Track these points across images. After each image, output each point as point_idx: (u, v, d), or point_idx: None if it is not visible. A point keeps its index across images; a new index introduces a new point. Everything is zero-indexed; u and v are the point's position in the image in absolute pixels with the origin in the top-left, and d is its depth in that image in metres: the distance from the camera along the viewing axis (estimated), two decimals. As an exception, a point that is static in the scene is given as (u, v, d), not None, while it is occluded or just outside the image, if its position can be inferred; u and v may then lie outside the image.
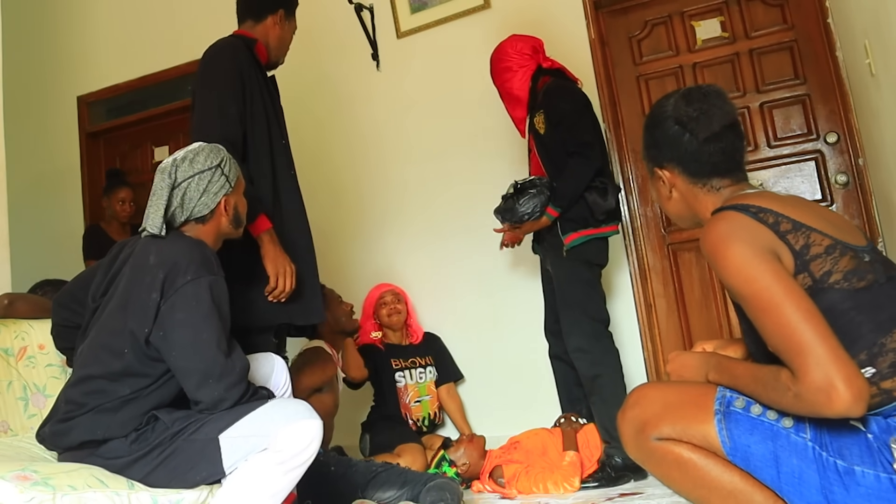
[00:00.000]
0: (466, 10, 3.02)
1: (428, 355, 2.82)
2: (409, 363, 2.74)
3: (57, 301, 1.56)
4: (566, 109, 2.28)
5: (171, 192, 1.44)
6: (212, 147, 1.52)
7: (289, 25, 2.01)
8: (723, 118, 1.14)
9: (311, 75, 3.24)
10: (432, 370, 2.79)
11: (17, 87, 3.30)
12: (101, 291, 1.45)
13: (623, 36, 2.91)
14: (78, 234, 3.37)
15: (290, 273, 1.76)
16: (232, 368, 1.33)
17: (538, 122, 2.34)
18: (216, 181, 1.48)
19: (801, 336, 0.92)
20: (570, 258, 2.26)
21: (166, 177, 1.44)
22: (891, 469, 0.93)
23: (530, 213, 2.25)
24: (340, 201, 3.22)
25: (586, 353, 2.22)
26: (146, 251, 1.40)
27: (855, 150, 2.53)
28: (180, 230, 1.48)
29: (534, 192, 2.25)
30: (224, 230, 1.53)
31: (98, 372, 1.33)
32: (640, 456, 1.15)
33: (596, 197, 2.24)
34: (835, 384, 0.88)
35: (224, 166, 1.50)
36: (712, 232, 1.05)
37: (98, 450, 1.31)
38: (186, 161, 1.47)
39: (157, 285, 1.32)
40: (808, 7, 2.65)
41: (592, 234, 2.27)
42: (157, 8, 3.65)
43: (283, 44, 2.01)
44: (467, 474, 2.23)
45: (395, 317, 2.79)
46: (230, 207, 1.52)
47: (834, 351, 0.91)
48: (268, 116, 1.89)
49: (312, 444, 1.31)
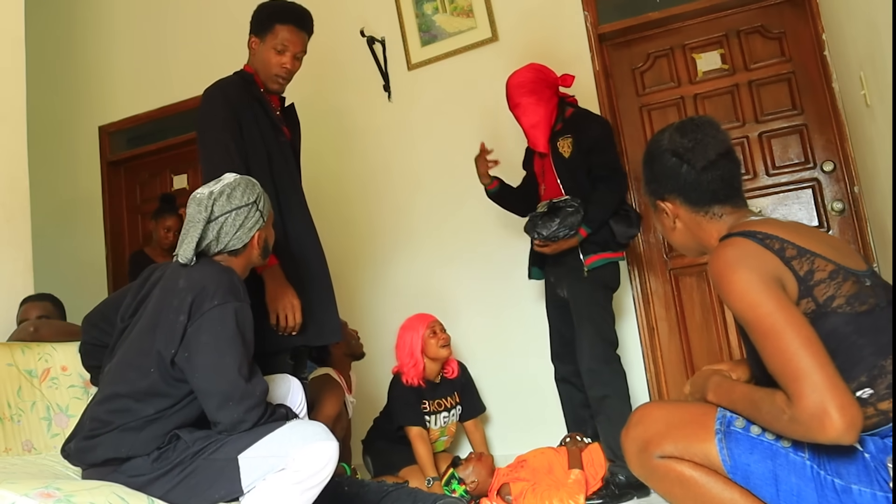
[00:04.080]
0: (475, 43, 3.09)
1: (455, 392, 2.61)
2: (437, 405, 2.55)
3: (87, 320, 1.59)
4: (598, 136, 2.36)
5: (207, 226, 1.45)
6: (247, 182, 1.52)
7: (264, 46, 1.93)
8: (717, 146, 1.17)
9: (324, 106, 3.31)
10: (456, 411, 2.60)
11: (41, 117, 3.38)
12: (130, 312, 1.47)
13: (626, 68, 2.97)
14: (100, 261, 3.42)
15: (293, 308, 1.75)
16: (251, 392, 1.35)
17: (563, 146, 2.39)
18: (252, 216, 1.49)
19: (798, 362, 0.94)
20: (589, 280, 2.31)
21: (203, 209, 1.45)
22: (887, 488, 0.96)
23: (567, 231, 2.27)
24: (352, 228, 3.26)
25: (597, 374, 2.26)
26: (176, 275, 1.42)
27: (851, 178, 2.57)
28: (211, 258, 1.49)
29: (571, 211, 2.28)
30: (254, 261, 1.56)
31: (124, 390, 1.36)
32: (643, 473, 1.17)
33: (620, 223, 2.30)
34: (829, 411, 0.90)
35: (259, 202, 1.52)
36: (719, 258, 1.06)
37: (121, 467, 1.34)
38: (224, 196, 1.47)
39: (184, 308, 1.35)
40: (806, 40, 2.70)
41: (611, 257, 2.33)
42: (175, 41, 3.73)
43: (265, 66, 1.93)
44: (476, 492, 2.23)
45: (446, 349, 2.54)
46: (261, 241, 1.54)
47: (830, 379, 0.92)
48: (268, 147, 1.88)
49: (329, 465, 1.33)
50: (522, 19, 3.03)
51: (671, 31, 2.92)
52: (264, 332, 1.75)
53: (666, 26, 2.91)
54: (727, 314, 2.72)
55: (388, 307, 3.15)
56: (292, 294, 1.76)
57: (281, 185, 1.89)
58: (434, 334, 2.53)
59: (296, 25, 1.95)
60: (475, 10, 3.11)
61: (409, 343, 2.52)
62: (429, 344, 2.51)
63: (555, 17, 2.98)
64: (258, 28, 1.95)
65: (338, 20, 3.33)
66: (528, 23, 3.02)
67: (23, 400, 1.74)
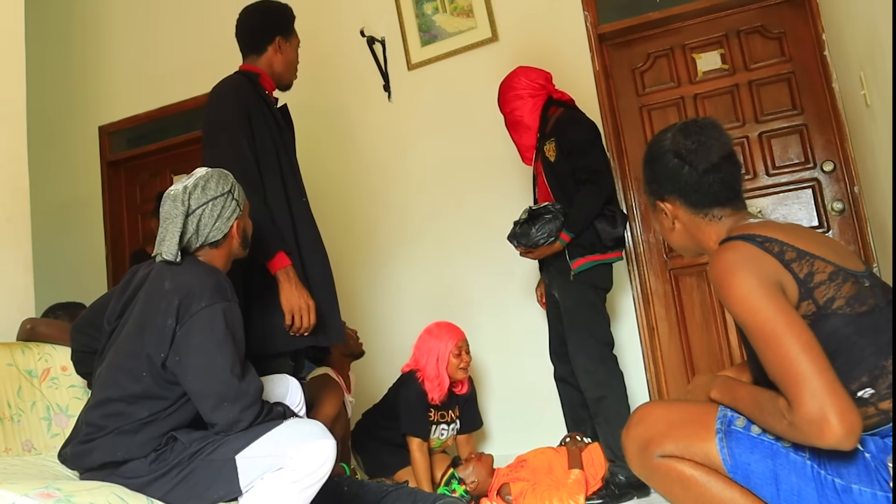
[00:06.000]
0: (475, 43, 3.10)
1: (457, 406, 2.54)
2: (440, 416, 2.48)
3: (76, 328, 1.57)
4: (578, 139, 2.35)
5: (186, 220, 1.45)
6: (219, 173, 1.53)
7: (290, 46, 2.01)
8: (720, 149, 1.17)
9: (324, 106, 3.31)
10: (455, 425, 2.53)
11: (41, 117, 3.39)
12: (116, 314, 1.47)
13: (626, 68, 2.98)
14: (100, 261, 3.42)
15: (308, 309, 1.75)
16: (245, 391, 1.35)
17: (549, 149, 2.40)
18: (228, 206, 1.49)
19: (798, 368, 0.94)
20: (577, 282, 2.31)
21: (179, 204, 1.45)
22: (888, 487, 0.95)
23: (545, 237, 2.29)
24: (351, 228, 3.26)
25: (592, 375, 2.27)
26: (161, 276, 1.41)
27: (851, 178, 2.57)
28: (194, 255, 1.49)
29: (549, 218, 2.29)
30: (235, 252, 1.56)
31: (117, 395, 1.35)
32: (643, 472, 1.17)
33: (605, 224, 2.30)
34: (828, 417, 0.90)
35: (234, 191, 1.52)
36: (720, 261, 1.06)
37: (118, 470, 1.34)
38: (198, 188, 1.47)
39: (172, 311, 1.34)
40: (806, 40, 2.70)
41: (599, 259, 2.32)
42: (175, 40, 3.73)
43: (289, 66, 2.01)
44: (476, 492, 2.23)
45: (464, 373, 2.46)
46: (240, 230, 1.54)
47: (830, 384, 0.92)
48: (276, 148, 1.89)
49: (327, 464, 1.33)
50: (522, 19, 3.04)
51: (671, 31, 2.92)
52: (273, 332, 1.76)
53: (666, 26, 2.91)
54: (727, 315, 2.72)
55: (387, 307, 3.16)
56: (308, 295, 1.77)
57: (289, 185, 1.90)
58: (459, 355, 2.43)
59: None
60: (475, 10, 3.11)
61: (434, 353, 2.42)
62: (451, 363, 2.42)
63: (555, 17, 2.99)
64: (286, 29, 2.00)
65: (338, 20, 3.33)
66: (528, 23, 3.02)
67: (23, 400, 1.74)
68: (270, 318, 1.76)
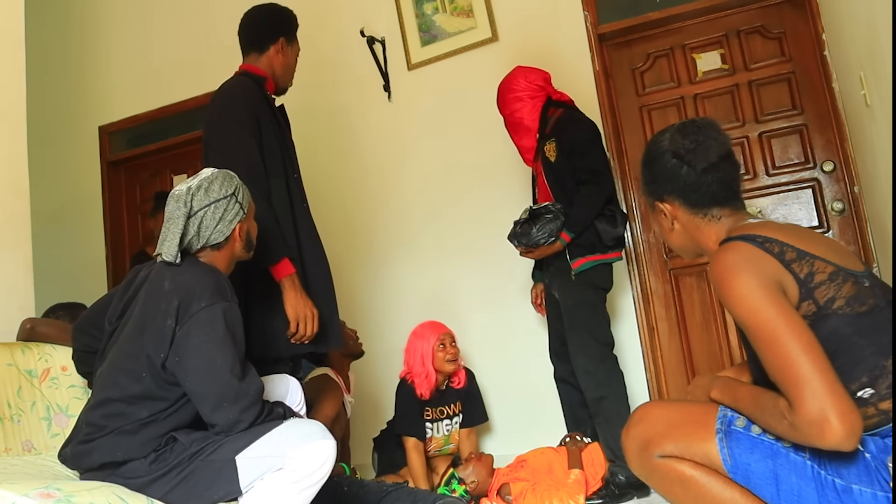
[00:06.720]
0: (475, 43, 3.10)
1: (459, 400, 2.56)
2: (439, 412, 2.51)
3: (77, 328, 1.58)
4: (578, 139, 2.35)
5: (188, 221, 1.44)
6: (224, 174, 1.52)
7: (291, 50, 2.02)
8: (718, 149, 1.16)
9: (324, 106, 3.31)
10: (458, 419, 2.56)
11: (41, 117, 3.40)
12: (116, 314, 1.47)
13: (626, 68, 2.98)
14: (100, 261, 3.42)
15: (312, 317, 1.75)
16: (246, 392, 1.34)
17: (549, 150, 2.40)
18: (231, 209, 1.49)
19: (799, 368, 0.94)
20: (578, 282, 2.31)
21: (181, 205, 1.45)
22: (888, 488, 0.95)
23: (546, 237, 2.29)
24: (351, 228, 3.26)
25: (592, 375, 2.27)
26: (161, 277, 1.41)
27: (851, 178, 2.57)
28: (195, 256, 1.48)
29: (550, 217, 2.29)
30: (237, 255, 1.55)
31: (117, 395, 1.35)
32: (643, 472, 1.17)
33: (605, 224, 2.30)
34: (829, 418, 0.90)
35: (238, 194, 1.51)
36: (720, 262, 1.06)
37: (118, 470, 1.34)
38: (202, 190, 1.47)
39: (171, 312, 1.34)
40: (806, 40, 2.71)
41: (599, 259, 2.32)
42: (175, 40, 3.73)
43: (288, 70, 2.02)
44: (476, 492, 2.24)
45: (453, 364, 2.48)
46: (243, 233, 1.53)
47: (830, 385, 0.92)
48: (281, 151, 1.90)
49: (327, 464, 1.34)
50: (522, 20, 3.04)
51: (671, 31, 2.92)
52: (275, 336, 1.76)
53: (666, 26, 2.91)
54: (727, 315, 2.72)
55: (387, 307, 3.16)
56: (311, 303, 1.77)
57: (292, 189, 1.91)
58: (443, 347, 2.46)
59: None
60: (475, 10, 3.11)
61: (419, 352, 2.47)
62: (437, 356, 2.46)
63: (555, 17, 2.99)
64: (290, 32, 2.02)
65: (338, 20, 3.34)
66: (528, 23, 3.03)
67: (23, 400, 1.74)
68: (272, 322, 1.76)
